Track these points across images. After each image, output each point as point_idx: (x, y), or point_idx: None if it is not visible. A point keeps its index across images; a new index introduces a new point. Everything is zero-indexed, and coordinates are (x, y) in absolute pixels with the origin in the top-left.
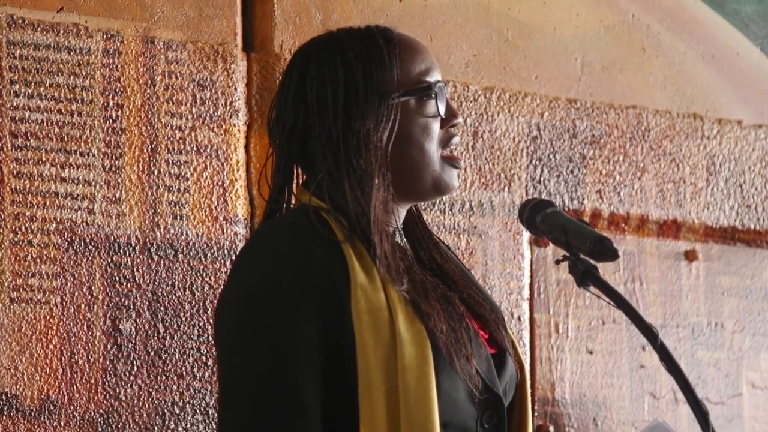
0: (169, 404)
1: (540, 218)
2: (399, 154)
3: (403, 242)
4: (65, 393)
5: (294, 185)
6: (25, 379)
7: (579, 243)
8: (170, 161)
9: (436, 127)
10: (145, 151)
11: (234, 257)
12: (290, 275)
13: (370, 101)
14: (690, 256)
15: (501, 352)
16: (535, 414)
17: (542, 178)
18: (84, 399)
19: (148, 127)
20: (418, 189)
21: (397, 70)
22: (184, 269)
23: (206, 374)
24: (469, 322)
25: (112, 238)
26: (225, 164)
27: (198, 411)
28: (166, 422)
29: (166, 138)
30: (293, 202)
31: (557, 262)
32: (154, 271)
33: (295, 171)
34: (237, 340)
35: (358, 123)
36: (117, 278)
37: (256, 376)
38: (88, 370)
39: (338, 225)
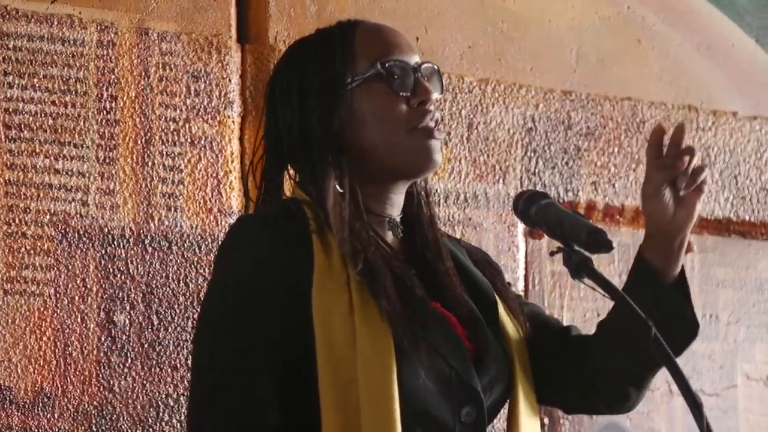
0: (163, 396)
1: (534, 210)
2: (363, 138)
3: (398, 231)
4: (59, 385)
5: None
6: (19, 371)
7: (573, 235)
8: (164, 153)
9: (399, 106)
10: (139, 142)
11: None
12: (253, 275)
13: (323, 96)
14: None
15: (483, 348)
16: None
17: (537, 170)
18: (78, 391)
19: (142, 119)
20: (393, 169)
21: (352, 60)
22: (179, 261)
23: None
24: (448, 317)
25: (106, 229)
26: (219, 156)
27: None
28: (160, 414)
29: (160, 129)
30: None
31: (552, 253)
32: (148, 263)
33: (280, 168)
34: (202, 335)
35: (313, 116)
36: (111, 270)
37: (216, 371)
38: (82, 362)
39: (315, 216)
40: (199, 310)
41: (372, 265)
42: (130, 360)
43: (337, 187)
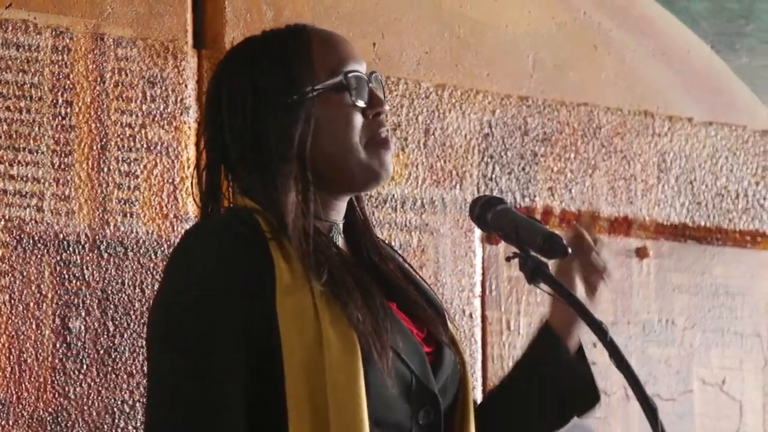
0: (119, 402)
1: (490, 215)
2: (319, 148)
3: (341, 238)
4: (14, 392)
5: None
6: None
7: (529, 240)
8: (120, 159)
9: (356, 117)
10: (94, 148)
11: None
12: (211, 280)
13: (280, 101)
14: (641, 253)
15: (438, 350)
16: None
17: (494, 176)
18: (33, 398)
19: (98, 125)
20: (348, 181)
21: (309, 67)
22: (134, 267)
23: None
24: (403, 319)
25: (62, 235)
26: (175, 162)
27: None
28: (116, 421)
29: (115, 135)
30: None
31: (508, 259)
32: (104, 269)
33: (223, 173)
34: (160, 345)
35: (269, 124)
36: (66, 276)
37: (175, 378)
38: (37, 368)
39: (268, 224)
40: (149, 320)
41: (336, 276)
42: (85, 366)
43: (299, 198)
